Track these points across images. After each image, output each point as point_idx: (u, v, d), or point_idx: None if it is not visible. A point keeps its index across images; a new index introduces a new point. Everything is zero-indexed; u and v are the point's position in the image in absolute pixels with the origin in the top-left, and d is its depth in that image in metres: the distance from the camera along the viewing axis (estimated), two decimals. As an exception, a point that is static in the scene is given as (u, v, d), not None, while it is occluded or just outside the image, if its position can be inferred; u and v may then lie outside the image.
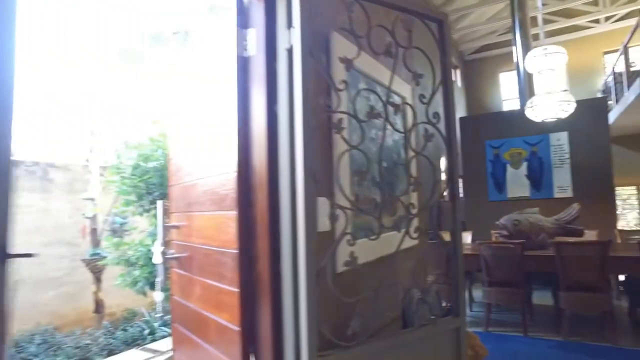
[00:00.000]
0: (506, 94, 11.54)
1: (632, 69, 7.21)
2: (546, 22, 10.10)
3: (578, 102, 5.84)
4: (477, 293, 4.85)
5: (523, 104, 6.64)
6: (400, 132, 1.74)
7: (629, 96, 6.51)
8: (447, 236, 1.69)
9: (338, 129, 1.29)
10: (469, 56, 12.11)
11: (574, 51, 11.12)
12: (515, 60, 7.61)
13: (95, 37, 5.33)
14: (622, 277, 4.39)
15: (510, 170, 6.20)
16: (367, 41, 1.48)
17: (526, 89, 7.10)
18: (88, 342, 3.36)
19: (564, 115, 4.50)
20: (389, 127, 1.57)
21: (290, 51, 1.30)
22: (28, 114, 4.59)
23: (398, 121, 1.94)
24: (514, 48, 7.61)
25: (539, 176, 6.00)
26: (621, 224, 10.46)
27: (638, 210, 10.50)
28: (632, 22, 6.94)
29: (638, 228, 10.26)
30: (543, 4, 6.29)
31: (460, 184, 8.00)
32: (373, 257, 1.55)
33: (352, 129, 1.53)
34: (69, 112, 4.89)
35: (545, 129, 5.97)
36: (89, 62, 5.18)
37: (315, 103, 1.32)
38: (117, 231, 4.28)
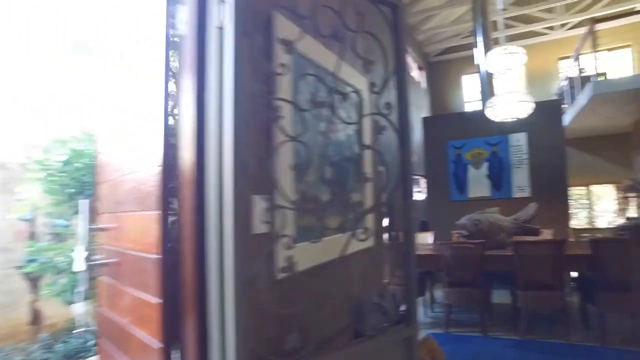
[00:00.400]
0: (469, 96, 11.76)
1: (583, 75, 7.46)
2: (506, 26, 10.34)
3: (535, 103, 5.99)
4: (439, 293, 4.82)
5: (484, 105, 6.74)
6: (348, 123, 1.62)
7: (580, 99, 6.72)
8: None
9: (275, 118, 1.15)
10: (434, 58, 12.27)
11: (531, 56, 11.43)
12: (477, 62, 7.72)
13: (42, 28, 4.96)
14: (574, 274, 4.47)
15: (471, 170, 6.25)
16: (313, 23, 1.35)
17: (487, 90, 7.21)
18: (19, 358, 3.03)
19: (522, 115, 4.55)
20: (340, 119, 1.43)
21: (221, 30, 1.15)
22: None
23: (350, 113, 1.82)
24: (475, 51, 7.72)
25: (499, 176, 6.08)
26: (573, 223, 10.86)
27: (588, 210, 10.92)
28: (584, 30, 7.20)
29: (589, 226, 10.68)
30: (503, 9, 6.40)
31: (424, 184, 8.04)
32: (318, 262, 1.41)
33: (299, 121, 1.39)
34: (7, 106, 4.51)
35: (505, 130, 6.06)
36: (34, 55, 4.81)
37: (251, 89, 1.17)
38: (60, 235, 3.96)
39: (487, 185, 6.13)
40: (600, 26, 6.80)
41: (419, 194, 9.17)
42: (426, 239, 5.47)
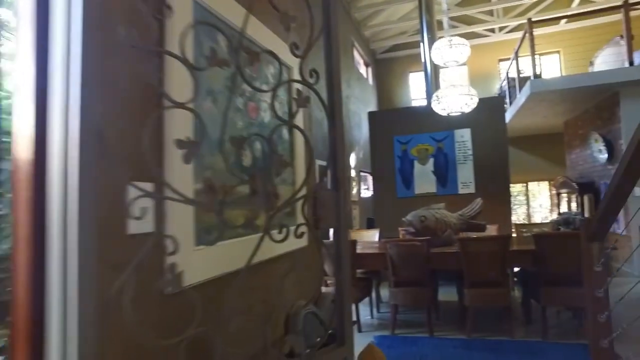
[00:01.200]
0: (415, 93, 11.88)
1: (522, 75, 7.68)
2: (450, 26, 10.54)
3: (479, 100, 6.02)
4: (386, 293, 4.66)
5: (430, 100, 6.71)
6: (260, 91, 1.32)
7: (520, 98, 6.88)
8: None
9: (153, 76, 0.83)
10: (381, 55, 12.27)
11: (473, 57, 11.81)
12: (423, 60, 7.71)
13: None
14: (516, 268, 4.47)
15: (417, 166, 6.18)
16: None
17: (432, 88, 7.20)
18: None
19: (467, 109, 4.49)
20: (251, 86, 1.13)
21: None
22: None
23: (266, 81, 1.52)
24: (421, 48, 7.70)
25: (444, 172, 6.05)
26: (513, 218, 11.29)
27: (526, 206, 11.39)
28: (521, 33, 7.43)
29: (527, 222, 11.14)
30: (447, 9, 6.42)
31: (370, 181, 7.94)
32: (226, 270, 1.11)
33: (194, 84, 1.08)
34: None
35: (450, 125, 6.04)
36: None
37: (119, 37, 0.84)
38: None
39: (433, 181, 6.09)
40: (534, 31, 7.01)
41: (367, 191, 9.08)
42: (372, 236, 5.31)
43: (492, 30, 11.24)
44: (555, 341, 3.57)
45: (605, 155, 6.39)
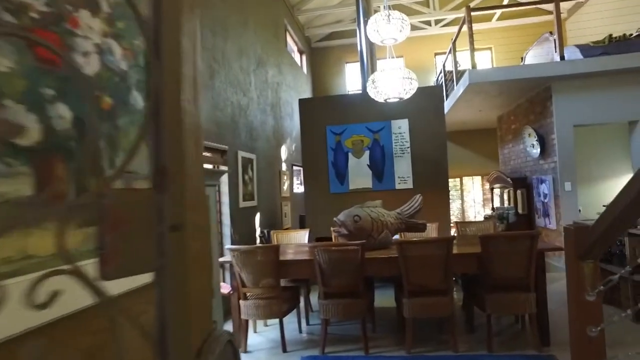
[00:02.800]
0: (351, 85, 11.46)
1: (459, 68, 7.49)
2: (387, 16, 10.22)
3: (417, 89, 5.61)
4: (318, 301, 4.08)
5: (366, 86, 6.21)
6: None
7: (457, 90, 6.63)
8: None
9: None
10: (316, 43, 11.71)
11: (410, 49, 11.65)
12: (359, 48, 7.22)
13: None
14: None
15: (352, 159, 5.67)
16: None
17: (368, 76, 6.74)
18: None
19: (406, 95, 4.01)
20: None
21: None
22: None
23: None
24: (357, 36, 7.20)
25: (381, 166, 5.60)
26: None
27: (460, 201, 11.45)
28: (457, 27, 7.22)
29: (461, 218, 11.20)
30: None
31: (301, 175, 7.34)
32: None
33: None
34: None
35: (387, 115, 5.60)
36: None
37: None
38: None
39: (369, 175, 5.61)
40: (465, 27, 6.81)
41: (301, 186, 8.47)
42: (302, 237, 4.70)
43: (429, 23, 11.10)
44: (501, 353, 3.20)
45: (538, 150, 6.31)
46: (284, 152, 7.70)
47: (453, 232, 5.60)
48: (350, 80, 11.55)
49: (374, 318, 3.90)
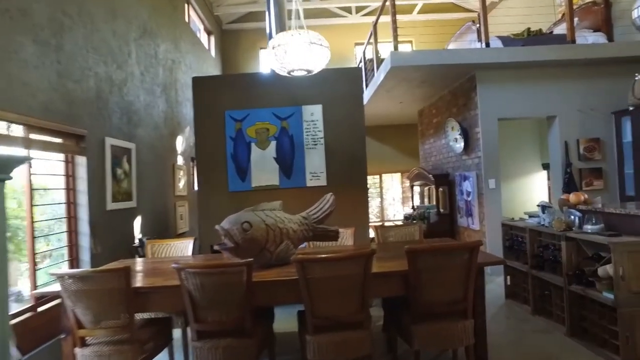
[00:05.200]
0: (266, 71, 10.48)
1: (380, 57, 6.90)
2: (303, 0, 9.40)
3: (332, 70, 4.80)
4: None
5: (270, 55, 5.26)
6: None
7: (378, 76, 5.99)
8: None
9: None
10: (228, 25, 10.54)
11: (329, 38, 10.94)
12: (268, 30, 6.26)
13: None
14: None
15: (255, 150, 4.71)
16: None
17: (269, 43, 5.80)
18: None
19: (316, 67, 3.15)
20: None
21: None
22: None
23: None
24: (267, 18, 6.24)
25: (289, 159, 4.70)
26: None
27: (380, 199, 11.01)
28: (382, 18, 6.60)
29: (386, 217, 10.75)
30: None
31: (194, 169, 6.22)
32: None
33: None
34: None
35: (297, 100, 4.72)
36: None
37: None
38: None
39: (276, 170, 4.69)
40: (385, 18, 6.20)
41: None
42: (185, 248, 3.64)
43: (349, 11, 10.47)
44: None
45: (462, 144, 5.86)
46: (180, 143, 6.50)
47: (372, 234, 4.91)
48: (266, 67, 10.56)
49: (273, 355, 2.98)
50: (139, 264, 3.23)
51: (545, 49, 5.29)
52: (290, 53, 3.01)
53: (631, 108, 5.23)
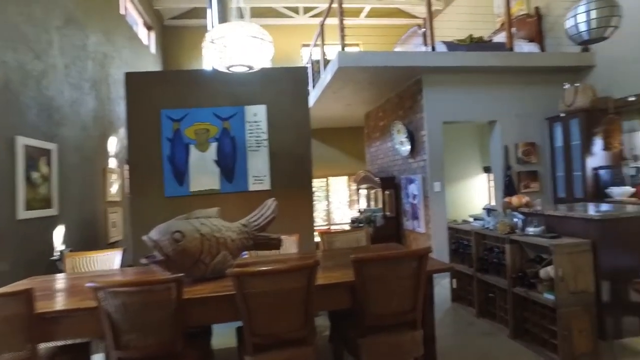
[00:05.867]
0: (207, 70, 10.06)
1: (327, 58, 6.80)
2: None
3: (277, 69, 4.63)
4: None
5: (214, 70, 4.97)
6: None
7: (325, 77, 5.87)
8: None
9: None
10: (169, 21, 10.01)
11: (275, 38, 10.75)
12: (210, 26, 5.96)
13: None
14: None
15: (195, 152, 4.40)
16: None
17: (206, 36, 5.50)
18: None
19: (258, 63, 2.94)
20: None
21: None
22: None
23: None
24: (209, 18, 5.94)
25: (231, 162, 4.44)
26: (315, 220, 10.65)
27: (327, 202, 10.93)
28: (329, 20, 6.51)
29: (327, 222, 10.67)
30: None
31: (126, 172, 5.78)
32: None
33: None
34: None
35: (240, 100, 4.47)
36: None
37: None
38: None
39: (216, 173, 4.41)
40: (331, 21, 6.10)
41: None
42: (111, 259, 3.28)
43: (296, 11, 10.32)
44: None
45: (408, 147, 5.88)
46: (113, 145, 6.00)
47: (317, 239, 4.75)
48: (208, 65, 10.14)
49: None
50: (54, 281, 2.84)
51: (486, 55, 5.43)
52: (230, 47, 2.78)
53: (562, 114, 5.49)
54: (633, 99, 4.87)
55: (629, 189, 4.86)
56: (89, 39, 5.37)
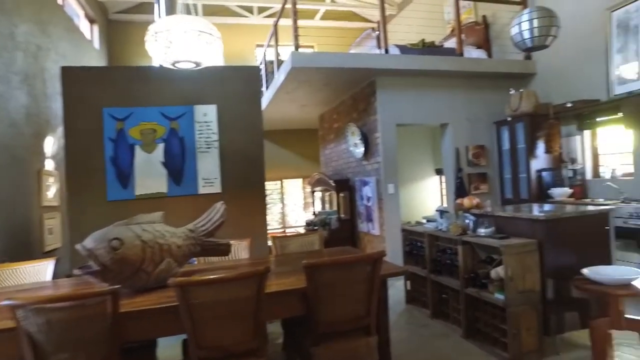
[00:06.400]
0: (154, 67, 9.64)
1: (280, 59, 6.70)
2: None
3: (228, 68, 4.48)
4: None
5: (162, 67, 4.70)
6: None
7: (278, 77, 5.76)
8: None
9: None
10: (115, 15, 9.50)
11: (229, 38, 10.50)
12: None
13: None
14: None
15: (140, 154, 4.15)
16: None
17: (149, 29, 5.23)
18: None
19: (206, 60, 2.79)
20: None
21: None
22: None
23: None
24: (156, 13, 5.65)
25: (179, 164, 4.22)
26: (267, 219, 10.47)
27: (281, 205, 10.79)
28: (284, 21, 6.41)
29: (283, 226, 10.53)
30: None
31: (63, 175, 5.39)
32: None
33: None
34: None
35: (189, 99, 4.27)
36: None
37: None
38: None
39: (163, 176, 4.18)
40: (286, 22, 6.01)
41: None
42: (42, 273, 2.98)
43: (250, 11, 10.13)
44: None
45: (362, 150, 5.89)
46: (50, 145, 5.56)
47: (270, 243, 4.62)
48: (155, 62, 9.72)
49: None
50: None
51: (438, 59, 5.55)
52: (175, 42, 2.61)
53: (508, 119, 5.71)
54: (570, 105, 5.14)
55: (568, 190, 5.12)
56: (18, 28, 4.93)
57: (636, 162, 4.78)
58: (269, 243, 4.51)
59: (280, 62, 6.23)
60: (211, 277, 1.93)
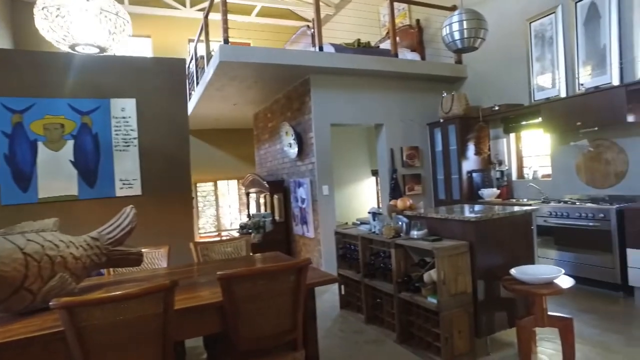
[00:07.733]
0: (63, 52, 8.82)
1: (212, 54, 6.35)
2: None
3: (149, 59, 4.11)
4: None
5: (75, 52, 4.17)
6: None
7: (207, 73, 5.43)
8: None
9: None
10: (23, -1, 8.55)
11: (159, 31, 9.88)
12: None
13: None
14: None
15: (44, 151, 3.65)
16: None
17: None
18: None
19: (111, 43, 2.45)
20: None
21: None
22: None
23: None
24: None
25: (93, 163, 3.78)
26: (201, 224, 10.01)
27: (216, 207, 10.35)
28: (217, 16, 6.07)
29: (216, 230, 10.08)
30: None
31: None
32: None
33: None
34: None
35: (104, 92, 3.84)
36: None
37: None
38: None
39: (74, 176, 3.71)
40: (218, 16, 5.69)
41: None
42: None
43: (183, 3, 9.60)
44: None
45: (296, 150, 5.71)
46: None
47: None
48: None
49: None
50: None
51: (373, 59, 5.52)
52: (73, 21, 2.25)
53: (441, 120, 5.82)
54: (497, 108, 5.33)
55: (496, 191, 5.31)
56: None
57: (553, 164, 5.06)
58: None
59: (210, 58, 5.89)
60: (105, 295, 1.63)
